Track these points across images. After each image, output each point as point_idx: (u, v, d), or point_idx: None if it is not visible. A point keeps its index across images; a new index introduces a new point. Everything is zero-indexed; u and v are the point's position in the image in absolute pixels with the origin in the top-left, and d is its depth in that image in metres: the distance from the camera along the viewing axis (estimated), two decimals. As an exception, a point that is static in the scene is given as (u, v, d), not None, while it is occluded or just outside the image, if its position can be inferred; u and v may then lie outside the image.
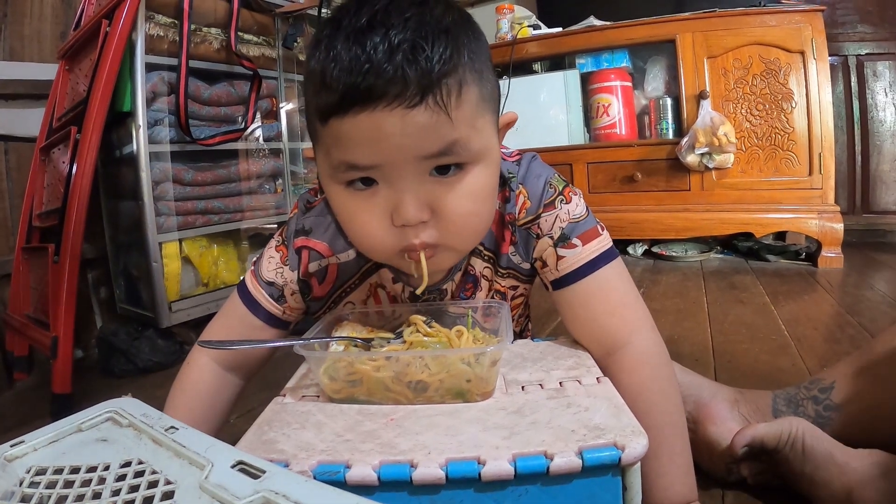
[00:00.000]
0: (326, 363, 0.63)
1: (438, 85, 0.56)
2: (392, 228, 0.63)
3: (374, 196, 0.62)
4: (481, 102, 0.61)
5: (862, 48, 2.72)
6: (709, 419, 0.84)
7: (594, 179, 2.69)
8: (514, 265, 0.78)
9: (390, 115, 0.55)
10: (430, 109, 0.56)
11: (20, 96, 1.91)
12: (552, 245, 0.73)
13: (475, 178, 0.62)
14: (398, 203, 0.61)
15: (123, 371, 1.63)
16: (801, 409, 0.83)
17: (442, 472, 0.49)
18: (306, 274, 0.78)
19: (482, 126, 0.62)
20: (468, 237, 0.67)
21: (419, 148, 0.58)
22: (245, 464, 0.44)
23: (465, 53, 0.58)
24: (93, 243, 1.94)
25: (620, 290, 0.73)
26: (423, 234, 0.63)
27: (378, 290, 0.80)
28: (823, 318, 1.64)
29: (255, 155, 2.05)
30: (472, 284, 0.79)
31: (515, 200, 0.74)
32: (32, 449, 0.52)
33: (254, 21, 1.99)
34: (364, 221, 0.64)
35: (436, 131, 0.57)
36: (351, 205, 0.64)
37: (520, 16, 3.02)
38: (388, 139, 0.56)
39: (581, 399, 0.60)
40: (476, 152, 0.61)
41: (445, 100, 0.56)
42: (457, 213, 0.62)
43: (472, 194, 0.62)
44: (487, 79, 0.63)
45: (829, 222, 2.26)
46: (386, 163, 0.59)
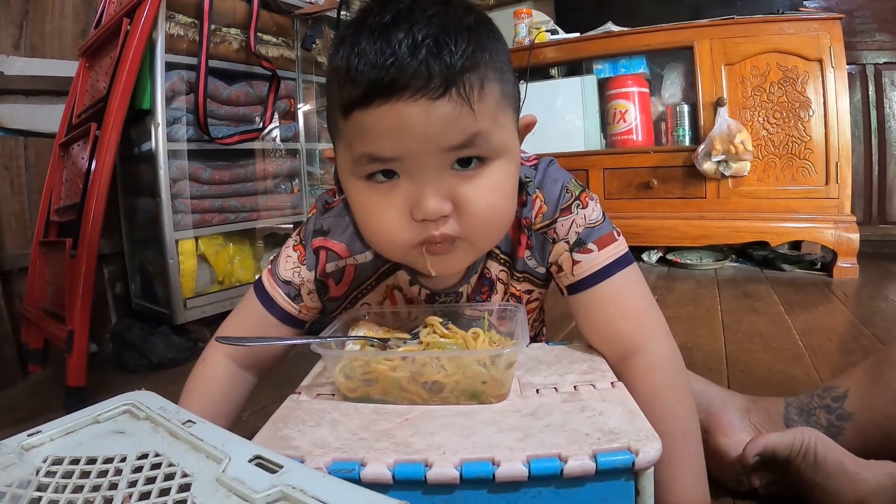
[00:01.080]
0: (343, 362, 0.64)
1: (462, 78, 0.57)
2: (411, 223, 0.63)
3: (394, 189, 0.62)
4: (503, 99, 0.62)
5: (880, 57, 2.70)
6: (719, 429, 0.84)
7: (610, 185, 2.69)
8: (529, 269, 0.78)
9: (414, 106, 0.56)
10: (453, 101, 0.57)
11: (40, 92, 1.93)
12: (568, 250, 0.73)
13: (497, 172, 0.63)
14: (419, 196, 0.61)
15: (137, 366, 1.64)
16: (813, 419, 0.82)
17: (456, 472, 0.49)
18: (323, 274, 0.78)
19: (503, 122, 0.63)
20: (489, 233, 0.67)
21: (442, 139, 0.58)
22: (262, 458, 0.44)
23: (486, 51, 0.60)
24: (109, 239, 1.96)
25: (636, 295, 0.73)
26: (444, 227, 0.62)
27: (394, 292, 0.80)
28: (838, 329, 1.63)
29: (273, 155, 2.06)
30: (488, 287, 0.79)
31: (532, 205, 0.74)
32: (49, 439, 0.53)
33: (273, 22, 2.00)
34: (383, 216, 0.63)
35: (459, 123, 0.58)
36: (370, 199, 0.64)
37: (538, 20, 3.02)
38: (410, 130, 0.57)
39: (595, 403, 0.60)
40: (497, 146, 0.62)
41: (468, 93, 0.57)
42: (479, 208, 0.62)
43: (493, 189, 0.63)
44: (508, 78, 0.64)
45: (844, 232, 2.25)
46: (408, 154, 0.59)
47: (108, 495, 0.44)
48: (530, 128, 0.73)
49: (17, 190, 1.85)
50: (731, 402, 0.87)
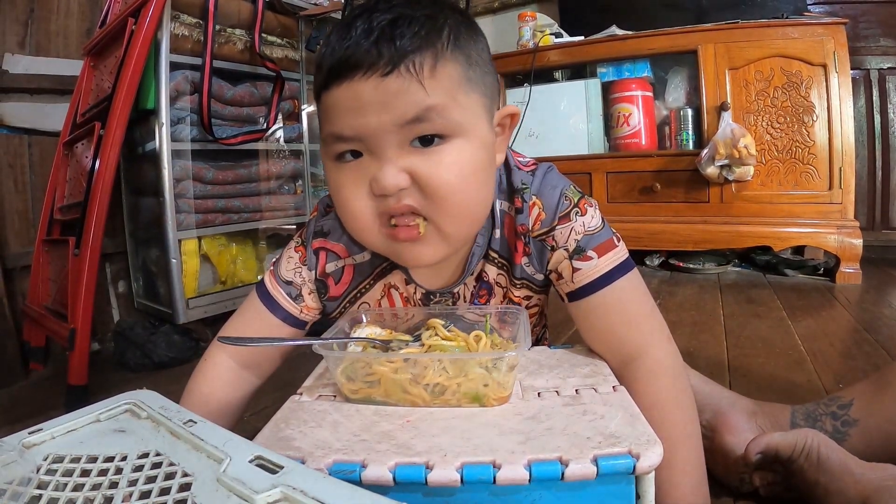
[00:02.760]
0: (344, 363, 0.64)
1: (411, 56, 0.59)
2: (373, 199, 0.65)
3: (359, 167, 0.65)
4: (466, 82, 0.63)
5: (884, 62, 2.69)
6: (726, 428, 0.85)
7: (613, 189, 2.68)
8: (527, 276, 0.78)
9: (367, 84, 0.59)
10: (402, 77, 0.59)
11: (45, 91, 1.93)
12: (567, 258, 0.73)
13: (458, 150, 0.63)
14: (377, 174, 0.63)
15: (139, 365, 1.64)
16: (819, 424, 0.83)
17: (457, 474, 0.49)
18: (323, 274, 0.80)
19: (465, 103, 0.63)
20: (454, 216, 0.66)
21: (395, 113, 0.60)
22: (263, 458, 0.44)
23: (445, 35, 0.62)
24: (113, 238, 1.96)
25: (636, 301, 0.74)
26: (404, 199, 0.63)
27: (391, 291, 0.81)
28: (840, 334, 1.62)
29: (276, 156, 2.06)
30: (487, 291, 0.80)
31: (529, 212, 0.74)
32: (50, 437, 0.53)
33: (277, 23, 2.00)
34: (349, 194, 0.66)
35: (409, 97, 0.60)
36: (339, 178, 0.67)
37: (542, 23, 3.01)
38: (366, 108, 0.60)
39: (597, 407, 0.60)
40: (456, 124, 0.63)
41: (417, 69, 0.60)
42: (436, 183, 0.63)
43: (454, 166, 0.63)
44: (477, 64, 0.65)
45: (848, 237, 2.24)
46: (367, 131, 0.62)
47: (109, 494, 0.44)
48: (515, 119, 0.73)
49: (21, 188, 1.86)
50: (738, 404, 0.89)
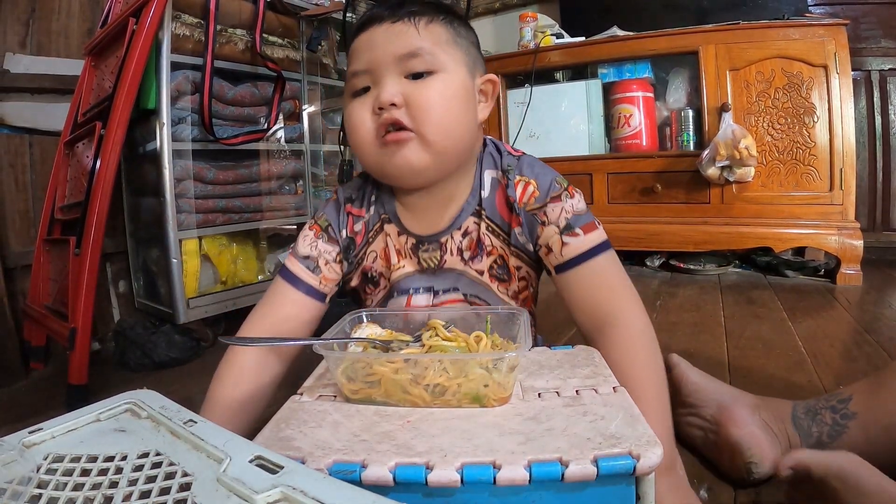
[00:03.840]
0: (345, 363, 0.64)
1: (412, 13, 0.82)
2: (374, 116, 0.82)
3: (367, 97, 0.83)
4: (451, 42, 0.84)
5: (885, 63, 2.69)
6: (730, 421, 0.88)
7: (614, 190, 2.68)
8: (520, 244, 0.89)
9: (379, 28, 0.82)
10: (404, 24, 0.81)
11: (46, 91, 1.93)
12: (558, 233, 0.85)
13: (439, 81, 0.81)
14: (379, 92, 0.81)
15: (139, 365, 1.64)
16: (818, 418, 0.85)
17: (457, 475, 0.49)
18: (352, 232, 0.94)
19: (449, 52, 0.83)
20: (436, 127, 0.81)
21: (395, 48, 0.80)
22: (263, 458, 0.44)
23: (440, 16, 0.84)
24: (113, 238, 1.96)
25: (614, 274, 0.86)
26: (397, 113, 0.80)
27: (388, 242, 0.92)
28: (841, 336, 1.62)
29: (277, 156, 2.06)
30: (477, 248, 0.90)
31: (515, 186, 0.88)
32: (51, 436, 0.53)
33: (279, 23, 2.00)
34: (358, 115, 0.83)
35: (407, 38, 0.80)
36: (353, 107, 0.84)
37: (543, 24, 3.01)
38: (376, 45, 0.81)
39: (597, 407, 0.60)
40: (439, 63, 0.81)
41: (415, 20, 0.81)
42: (423, 103, 0.80)
43: (436, 91, 0.80)
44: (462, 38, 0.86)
45: (848, 239, 2.24)
46: (374, 64, 0.81)
47: (109, 494, 0.44)
48: (496, 86, 0.91)
49: (22, 188, 1.86)
50: (741, 398, 0.92)
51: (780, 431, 0.86)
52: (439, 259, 0.90)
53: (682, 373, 1.02)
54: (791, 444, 0.85)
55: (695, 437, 0.96)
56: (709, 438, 0.93)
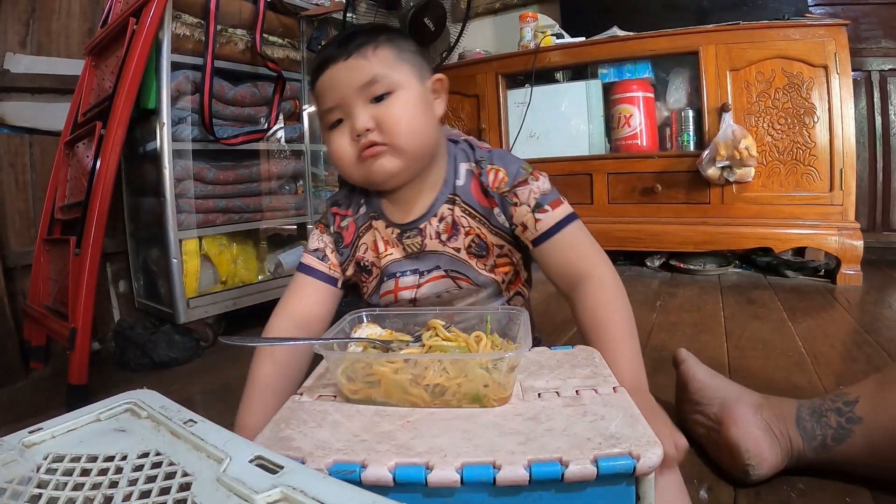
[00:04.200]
0: (345, 363, 0.64)
1: (359, 47, 0.91)
2: (353, 143, 0.92)
3: (343, 127, 0.93)
4: (398, 60, 0.93)
5: (885, 63, 2.69)
6: (732, 421, 0.88)
7: (614, 190, 2.68)
8: (499, 224, 0.99)
9: (336, 67, 0.91)
10: (355, 59, 0.90)
11: (46, 90, 1.93)
12: (530, 211, 0.95)
13: (398, 99, 0.91)
14: (352, 122, 0.91)
15: (139, 365, 1.64)
16: (823, 420, 0.84)
17: (457, 475, 0.49)
18: (339, 227, 1.05)
19: (399, 69, 0.92)
20: (404, 136, 0.91)
21: (355, 82, 0.90)
22: (263, 458, 0.44)
23: (381, 37, 0.92)
24: (113, 238, 1.96)
25: (584, 239, 0.96)
26: (372, 136, 0.90)
27: (377, 235, 1.03)
28: (841, 336, 1.62)
29: (277, 156, 2.06)
30: (452, 228, 0.99)
31: (487, 174, 0.98)
32: (51, 436, 0.53)
33: (279, 23, 2.01)
34: (338, 144, 0.94)
35: (361, 70, 0.90)
36: (332, 138, 0.94)
37: (543, 24, 3.01)
38: (338, 83, 0.91)
39: (597, 408, 0.60)
40: (394, 83, 0.91)
41: (363, 52, 0.90)
42: (390, 120, 0.90)
43: (398, 107, 0.91)
44: (406, 51, 0.95)
45: (848, 239, 2.24)
46: (341, 99, 0.91)
47: (109, 493, 0.44)
48: (443, 82, 1.02)
49: (22, 187, 1.86)
50: (744, 397, 0.91)
51: (782, 433, 0.85)
52: (420, 243, 1.00)
53: (689, 369, 1.03)
54: (793, 445, 0.84)
55: (699, 434, 0.96)
56: (711, 437, 0.93)
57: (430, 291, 1.00)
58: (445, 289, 1.00)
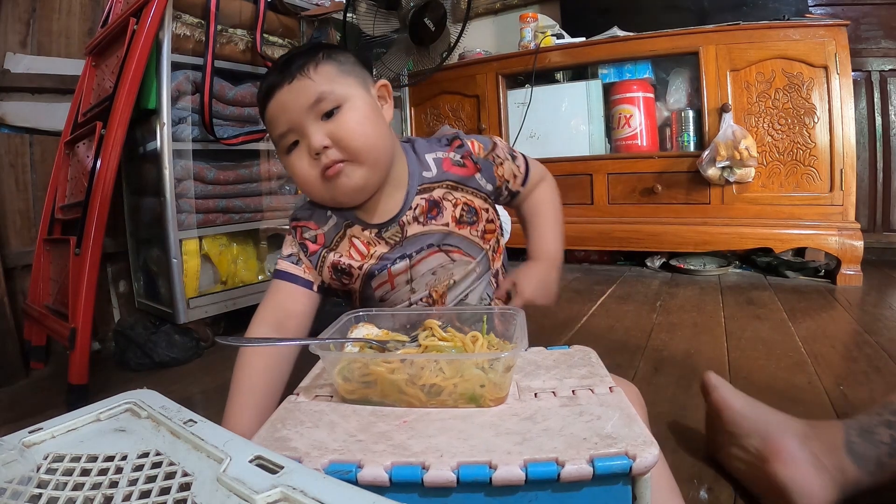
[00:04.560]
0: (341, 364, 0.64)
1: (299, 70, 0.92)
2: (313, 163, 0.93)
3: (300, 149, 0.94)
4: (339, 73, 0.94)
5: (886, 64, 2.69)
6: (777, 457, 0.80)
7: (614, 190, 2.68)
8: (480, 186, 1.07)
9: (282, 91, 0.92)
10: (299, 80, 0.91)
11: (46, 90, 1.94)
12: (511, 162, 1.10)
13: (348, 112, 0.93)
14: (308, 142, 0.91)
15: (139, 365, 1.64)
16: (875, 437, 0.78)
17: (453, 475, 0.49)
18: (302, 239, 1.06)
19: (343, 83, 0.94)
20: (362, 148, 0.93)
21: (303, 102, 0.91)
22: (263, 459, 0.44)
23: (319, 55, 0.94)
24: (114, 238, 1.97)
25: (540, 166, 1.17)
26: (330, 154, 0.91)
27: (353, 241, 1.04)
28: (841, 337, 1.63)
29: (277, 156, 2.06)
30: (436, 209, 1.03)
31: (470, 144, 1.06)
32: (51, 436, 0.53)
33: (279, 23, 2.01)
34: (299, 166, 0.94)
35: (307, 90, 0.91)
36: (290, 161, 0.96)
37: (543, 25, 3.02)
38: (287, 107, 0.92)
39: (593, 408, 0.60)
40: (340, 97, 0.92)
41: (305, 71, 0.91)
42: (345, 133, 0.91)
43: (351, 120, 0.92)
44: (346, 64, 0.97)
45: (848, 239, 2.24)
46: (293, 122, 0.92)
47: (109, 493, 0.44)
48: (387, 88, 1.04)
49: (22, 187, 1.86)
50: (789, 428, 0.83)
51: (834, 465, 0.77)
52: (402, 232, 1.02)
53: (722, 398, 0.92)
54: (846, 477, 0.76)
55: (738, 470, 0.88)
56: (753, 473, 0.85)
57: (425, 268, 1.03)
58: (440, 263, 1.03)
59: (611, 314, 1.95)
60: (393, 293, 1.04)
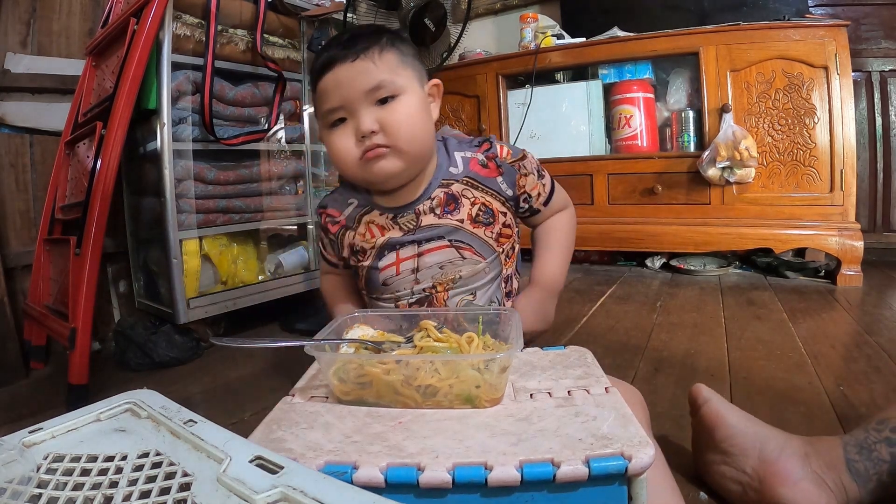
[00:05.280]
0: (337, 364, 0.64)
1: (365, 50, 0.94)
2: (357, 143, 0.96)
3: (346, 127, 0.97)
4: (401, 63, 0.97)
5: (886, 64, 2.69)
6: (777, 478, 0.77)
7: (614, 191, 2.68)
8: (500, 189, 1.10)
9: (342, 68, 0.94)
10: (362, 61, 0.94)
11: (47, 90, 1.94)
12: (537, 179, 1.12)
13: (402, 103, 0.96)
14: (358, 124, 0.95)
15: (139, 365, 1.65)
16: (875, 454, 0.75)
17: (449, 476, 0.49)
18: (325, 223, 1.15)
19: (403, 75, 0.97)
20: (408, 141, 0.97)
21: (362, 85, 0.93)
22: (263, 459, 0.44)
23: (384, 41, 0.97)
24: (114, 238, 1.97)
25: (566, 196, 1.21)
26: (376, 139, 0.95)
27: (370, 226, 1.09)
28: (841, 337, 1.63)
29: (277, 156, 2.06)
30: (454, 203, 1.07)
31: (498, 148, 1.09)
32: (51, 436, 0.53)
33: (279, 24, 2.01)
34: (341, 144, 0.98)
35: (368, 73, 0.94)
36: (334, 137, 0.99)
37: (543, 25, 3.02)
38: (343, 84, 0.94)
39: (589, 408, 0.60)
40: (399, 87, 0.96)
41: (370, 56, 0.94)
42: (393, 123, 0.95)
43: (402, 111, 0.96)
44: (407, 56, 1.00)
45: (849, 240, 2.24)
46: (345, 102, 0.95)
47: (109, 493, 0.44)
48: (439, 87, 1.07)
49: (23, 187, 1.87)
50: (788, 446, 0.80)
51: (835, 482, 0.75)
52: (416, 220, 1.06)
53: (715, 411, 0.87)
54: (848, 494, 0.74)
55: (731, 491, 0.83)
56: (749, 495, 0.80)
57: (432, 261, 1.06)
58: (448, 259, 1.06)
59: (611, 314, 1.95)
60: (397, 279, 1.08)
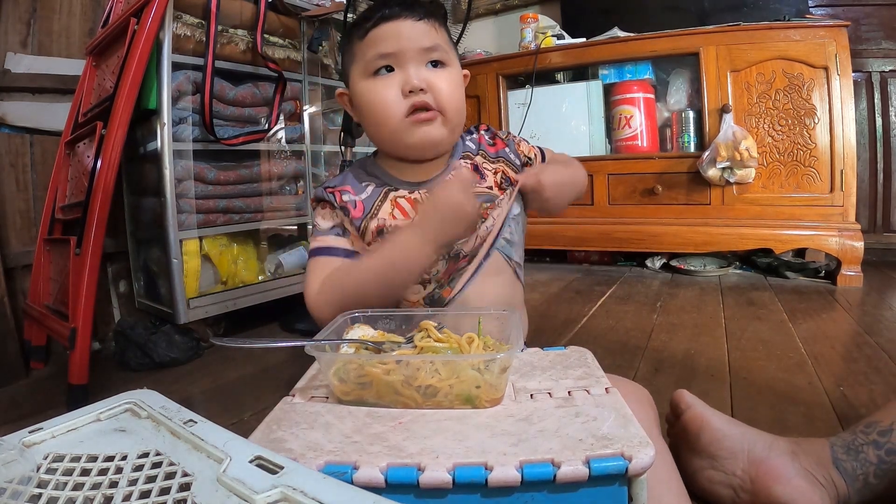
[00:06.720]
0: (337, 365, 0.64)
1: (429, 16, 0.97)
2: (402, 97, 0.94)
3: (392, 77, 0.95)
4: (449, 42, 1.01)
5: (886, 64, 2.69)
6: (769, 476, 0.77)
7: (614, 191, 2.69)
8: (510, 158, 1.10)
9: (406, 23, 0.95)
10: (426, 23, 0.96)
11: (47, 90, 1.94)
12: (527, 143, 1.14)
13: (452, 73, 0.99)
14: (408, 77, 0.94)
15: (139, 365, 1.65)
16: (861, 456, 0.76)
17: (449, 476, 0.49)
18: (342, 202, 1.02)
19: (450, 50, 1.00)
20: (453, 110, 0.98)
21: (420, 41, 0.95)
22: (263, 459, 0.44)
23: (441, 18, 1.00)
24: (114, 238, 1.97)
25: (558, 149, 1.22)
26: (424, 97, 0.94)
27: (398, 201, 1.02)
28: (841, 337, 1.63)
29: (278, 156, 2.06)
30: (479, 174, 1.06)
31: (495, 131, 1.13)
32: (51, 436, 0.53)
33: (280, 24, 2.01)
34: (385, 94, 0.95)
35: (428, 35, 0.95)
36: (376, 87, 0.96)
37: (544, 25, 3.02)
38: (404, 36, 0.94)
39: (589, 409, 0.60)
40: (449, 57, 0.98)
41: (433, 22, 0.97)
42: (443, 88, 0.95)
43: (448, 80, 0.97)
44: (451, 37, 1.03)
45: (849, 240, 2.24)
46: (400, 51, 0.94)
47: (109, 493, 0.44)
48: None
49: (23, 187, 1.87)
50: (776, 446, 0.80)
51: (825, 478, 0.76)
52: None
53: (699, 416, 0.87)
54: (838, 490, 0.75)
55: (721, 495, 0.82)
56: (741, 498, 0.80)
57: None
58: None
59: (611, 315, 1.95)
60: None
